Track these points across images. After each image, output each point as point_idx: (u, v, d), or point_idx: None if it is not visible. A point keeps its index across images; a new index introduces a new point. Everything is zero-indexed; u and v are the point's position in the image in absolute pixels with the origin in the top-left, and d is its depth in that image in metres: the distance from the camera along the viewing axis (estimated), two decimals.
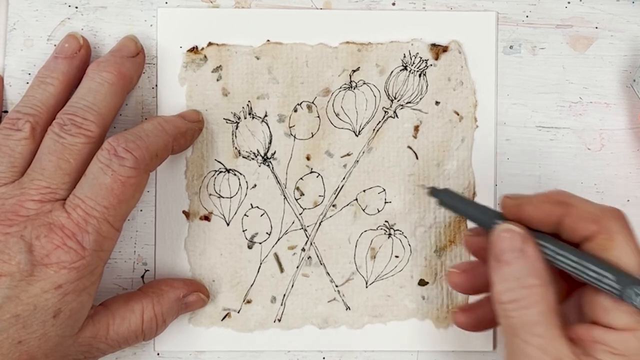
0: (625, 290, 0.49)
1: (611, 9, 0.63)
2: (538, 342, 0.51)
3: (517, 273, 0.52)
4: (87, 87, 0.57)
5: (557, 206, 0.53)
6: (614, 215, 0.52)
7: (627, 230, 0.51)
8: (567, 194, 0.54)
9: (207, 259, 0.62)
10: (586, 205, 0.53)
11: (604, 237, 0.51)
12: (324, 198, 0.63)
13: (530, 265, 0.52)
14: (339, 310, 0.63)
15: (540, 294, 0.51)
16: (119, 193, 0.54)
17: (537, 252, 0.52)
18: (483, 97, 0.63)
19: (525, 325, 0.51)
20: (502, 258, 0.52)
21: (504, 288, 0.52)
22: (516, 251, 0.52)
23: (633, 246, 0.51)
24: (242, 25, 0.62)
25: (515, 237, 0.52)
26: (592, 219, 0.52)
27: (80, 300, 0.54)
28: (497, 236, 0.53)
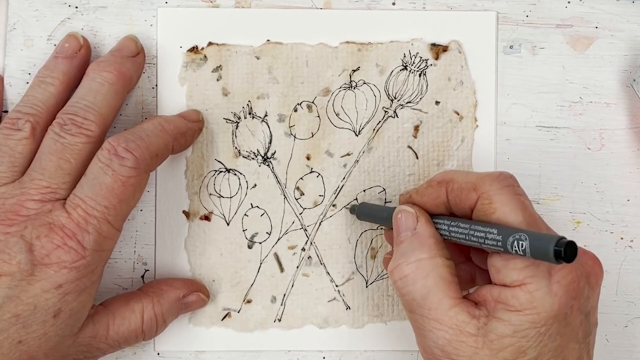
0: (507, 240, 0.49)
1: (611, 9, 0.63)
2: (431, 314, 0.52)
3: (406, 249, 0.53)
4: (88, 87, 0.57)
5: (439, 187, 0.54)
6: (491, 179, 0.52)
7: (507, 189, 0.52)
8: (447, 173, 0.55)
9: (207, 259, 0.62)
10: (464, 176, 0.54)
11: (484, 201, 0.52)
12: (324, 198, 0.63)
13: (418, 241, 0.53)
14: (339, 310, 0.63)
15: (427, 266, 0.52)
16: (120, 193, 0.54)
17: (428, 228, 0.54)
18: (483, 97, 0.63)
19: (416, 300, 0.52)
20: (398, 238, 0.55)
21: (393, 266, 0.54)
22: (409, 230, 0.54)
23: (514, 204, 0.51)
24: (242, 25, 0.62)
25: (407, 216, 0.55)
26: (471, 188, 0.53)
27: (81, 300, 0.54)
28: (394, 219, 0.55)
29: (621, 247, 0.63)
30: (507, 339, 0.51)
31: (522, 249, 0.49)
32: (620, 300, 0.63)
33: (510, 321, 0.50)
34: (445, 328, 0.51)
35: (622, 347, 0.63)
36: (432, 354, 0.52)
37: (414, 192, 0.56)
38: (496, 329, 0.51)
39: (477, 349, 0.51)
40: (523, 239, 0.49)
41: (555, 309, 0.50)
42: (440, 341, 0.52)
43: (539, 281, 0.50)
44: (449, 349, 0.51)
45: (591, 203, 0.63)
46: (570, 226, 0.63)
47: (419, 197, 0.56)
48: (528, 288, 0.50)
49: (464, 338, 0.51)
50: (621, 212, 0.63)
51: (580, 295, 0.51)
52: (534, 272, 0.50)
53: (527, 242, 0.48)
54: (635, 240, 0.63)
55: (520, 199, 0.52)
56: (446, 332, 0.51)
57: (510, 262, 0.51)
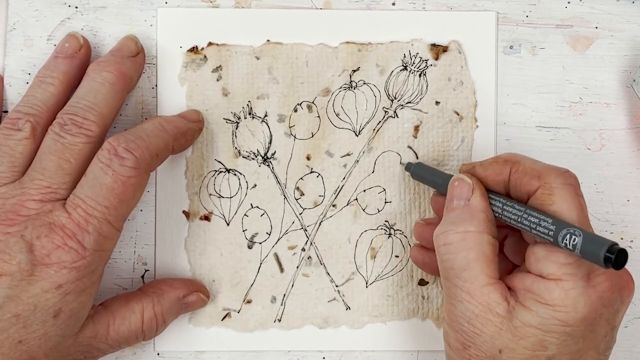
0: (560, 232, 0.50)
1: (611, 9, 0.63)
2: (466, 286, 0.53)
3: (455, 218, 0.54)
4: (88, 87, 0.57)
5: (504, 165, 0.55)
6: (557, 173, 0.53)
7: (569, 187, 0.52)
8: (515, 155, 0.55)
9: (207, 259, 0.62)
10: (531, 163, 0.54)
11: (545, 191, 0.52)
12: (324, 198, 0.63)
13: (470, 213, 0.54)
14: (339, 310, 0.63)
15: (473, 240, 0.53)
16: (120, 193, 0.54)
17: (482, 203, 0.54)
18: (483, 97, 0.63)
19: (454, 269, 0.53)
20: (449, 205, 0.55)
21: (440, 231, 0.54)
22: (462, 199, 0.55)
23: (573, 202, 0.52)
24: (242, 25, 0.62)
25: (463, 185, 0.55)
26: (535, 175, 0.53)
27: (81, 300, 0.54)
28: (450, 186, 0.56)
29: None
30: (530, 329, 0.51)
31: (573, 243, 0.49)
32: None
33: (538, 313, 0.51)
34: (475, 303, 0.52)
35: (622, 347, 0.63)
36: (458, 322, 0.53)
37: (478, 165, 0.56)
38: (523, 316, 0.51)
39: (500, 330, 0.52)
40: (577, 235, 0.49)
41: (585, 312, 0.51)
42: (468, 313, 0.52)
43: (576, 281, 0.51)
44: (474, 322, 0.52)
45: (591, 203, 0.63)
46: None
47: (482, 170, 0.56)
48: (564, 285, 0.51)
49: (491, 317, 0.52)
50: (621, 212, 0.63)
51: (611, 305, 0.52)
52: (574, 271, 0.51)
53: (580, 238, 0.49)
54: (635, 240, 0.63)
55: (579, 199, 0.52)
56: (475, 307, 0.52)
57: (553, 254, 0.51)
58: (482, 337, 0.52)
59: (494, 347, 0.52)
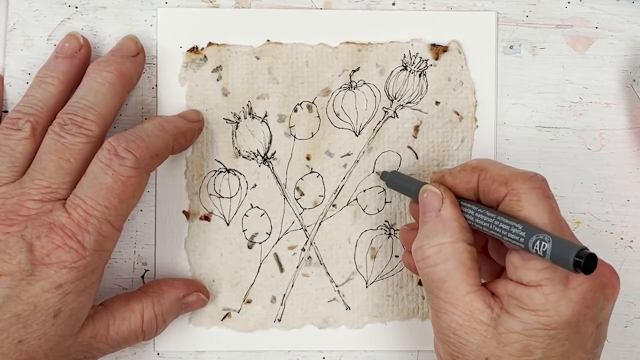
0: (530, 238, 0.50)
1: (611, 9, 0.63)
2: (448, 297, 0.53)
3: (429, 231, 0.54)
4: (88, 87, 0.57)
5: (472, 173, 0.55)
6: (523, 178, 0.53)
7: (537, 191, 0.52)
8: (484, 161, 0.55)
9: (207, 259, 0.62)
10: (498, 169, 0.54)
11: (513, 198, 0.52)
12: (324, 198, 0.63)
13: (442, 224, 0.54)
14: (339, 310, 0.63)
15: (449, 251, 0.53)
16: (120, 193, 0.54)
17: (453, 212, 0.54)
18: (483, 97, 0.63)
19: (435, 282, 0.53)
20: (422, 218, 0.55)
21: (416, 246, 0.54)
22: (434, 210, 0.54)
23: (542, 206, 0.52)
24: (242, 25, 0.62)
25: (433, 196, 0.55)
26: (502, 182, 0.53)
27: (81, 300, 0.54)
28: (420, 197, 0.56)
29: (621, 247, 0.63)
30: (515, 335, 0.51)
31: (543, 250, 0.49)
32: (620, 301, 0.63)
33: (521, 319, 0.51)
34: (459, 313, 0.52)
35: (622, 347, 0.63)
36: (444, 334, 0.53)
37: (447, 173, 0.56)
38: (506, 323, 0.51)
39: (486, 338, 0.52)
40: (546, 241, 0.49)
41: (568, 314, 0.51)
42: (452, 324, 0.52)
43: (555, 285, 0.50)
44: (460, 332, 0.52)
45: (591, 203, 0.63)
46: (570, 226, 0.62)
47: (451, 179, 0.56)
48: (543, 290, 0.51)
49: (475, 325, 0.52)
50: (621, 212, 0.63)
51: (594, 305, 0.52)
52: (552, 275, 0.51)
53: (549, 244, 0.49)
54: (635, 240, 0.63)
55: (549, 201, 0.52)
56: (459, 317, 0.52)
57: (529, 262, 0.51)
58: (468, 346, 0.52)
59: (480, 356, 0.52)
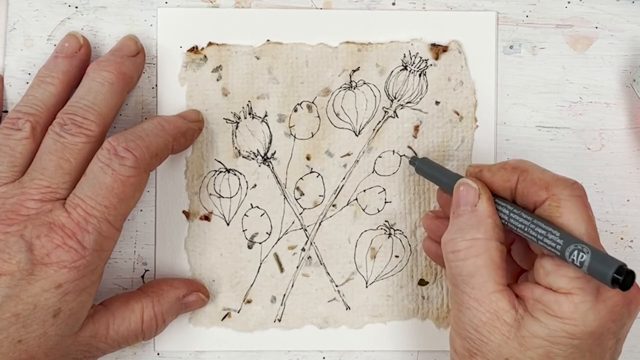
0: (568, 247, 0.50)
1: (611, 9, 0.63)
2: (474, 293, 0.52)
3: (462, 225, 0.54)
4: (88, 87, 0.57)
5: (512, 172, 0.54)
6: (564, 184, 0.53)
7: (577, 199, 0.52)
8: (525, 162, 0.55)
9: (207, 259, 0.62)
10: (539, 172, 0.54)
11: (553, 203, 0.52)
12: (324, 198, 0.63)
13: (477, 219, 0.54)
14: (339, 310, 0.63)
15: (481, 247, 0.53)
16: (119, 192, 0.54)
17: (489, 208, 0.54)
18: (483, 97, 0.63)
19: (462, 276, 0.53)
20: (456, 211, 0.55)
21: (448, 238, 0.54)
22: (468, 205, 0.54)
23: (581, 215, 0.51)
24: (242, 25, 0.62)
25: (470, 190, 0.54)
26: (543, 186, 0.53)
27: (80, 299, 0.54)
28: (455, 190, 0.55)
29: (621, 247, 0.63)
30: (538, 340, 0.51)
31: (581, 260, 0.49)
32: None
33: (547, 325, 0.51)
34: (483, 310, 0.52)
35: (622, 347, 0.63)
36: (465, 330, 0.53)
37: (486, 169, 0.56)
38: (530, 327, 0.51)
39: (507, 339, 0.51)
40: (585, 252, 0.49)
41: (594, 325, 0.50)
42: (475, 321, 0.52)
43: (586, 295, 0.50)
44: (482, 330, 0.52)
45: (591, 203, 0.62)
46: None
47: (489, 175, 0.55)
48: (574, 299, 0.50)
49: (498, 324, 0.52)
50: (621, 212, 0.63)
51: (619, 319, 0.52)
52: (584, 285, 0.50)
53: (588, 256, 0.49)
54: (635, 240, 0.63)
55: (587, 212, 0.52)
56: (483, 315, 0.52)
57: (562, 268, 0.51)
58: (488, 345, 0.52)
59: (500, 356, 0.52)
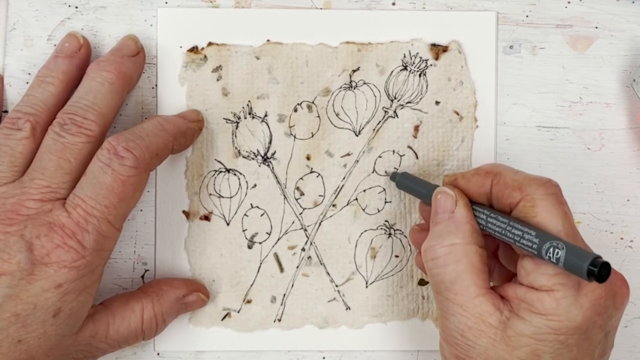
0: (544, 245, 0.50)
1: (611, 9, 0.63)
2: (457, 299, 0.52)
3: (441, 232, 0.54)
4: (88, 87, 0.57)
5: (485, 177, 0.55)
6: (537, 183, 0.53)
7: (551, 197, 0.52)
8: (497, 166, 0.55)
9: (207, 259, 0.62)
10: (512, 174, 0.54)
11: (527, 204, 0.52)
12: (324, 198, 0.63)
13: (455, 225, 0.54)
14: (339, 310, 0.63)
15: (460, 252, 0.53)
16: (119, 192, 0.54)
17: (466, 214, 0.54)
18: (483, 97, 0.63)
19: (444, 283, 0.53)
20: (435, 219, 0.55)
21: (427, 246, 0.54)
22: (447, 212, 0.55)
23: (557, 212, 0.52)
24: (242, 25, 0.62)
25: (447, 198, 0.55)
26: (516, 187, 0.53)
27: (80, 299, 0.54)
28: (433, 199, 0.56)
29: (621, 247, 0.63)
30: (524, 339, 0.51)
31: (557, 257, 0.49)
32: None
33: (531, 322, 0.51)
34: (467, 315, 0.52)
35: (622, 347, 0.63)
36: (452, 336, 0.53)
37: (460, 176, 0.56)
38: (516, 326, 0.51)
39: (494, 341, 0.52)
40: (560, 248, 0.49)
41: (578, 320, 0.51)
42: (461, 326, 0.52)
43: (567, 290, 0.51)
44: (468, 335, 0.52)
45: (591, 203, 0.63)
46: None
47: (464, 182, 0.56)
48: (555, 295, 0.51)
49: (484, 328, 0.52)
50: (621, 212, 0.63)
51: (604, 312, 0.52)
52: (564, 281, 0.51)
53: (563, 251, 0.49)
54: (635, 240, 0.63)
55: (563, 208, 0.52)
56: (468, 319, 0.52)
57: (542, 267, 0.51)
58: (476, 349, 0.52)
59: (488, 359, 0.52)
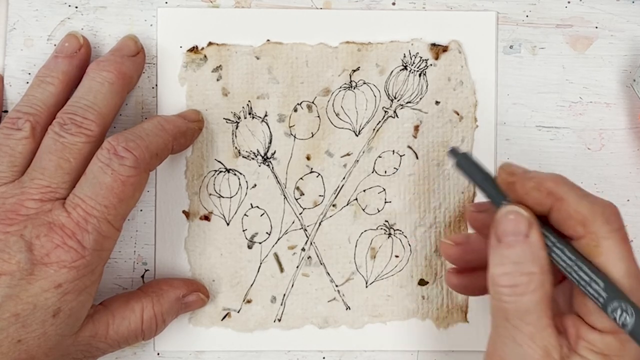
0: (612, 302, 0.48)
1: (611, 9, 0.63)
2: (528, 329, 0.50)
3: (518, 258, 0.51)
4: (88, 87, 0.57)
5: (547, 198, 0.51)
6: (602, 219, 0.50)
7: (616, 234, 0.50)
8: (561, 185, 0.51)
9: (207, 259, 0.62)
10: (575, 202, 0.51)
11: (591, 242, 0.50)
12: (324, 198, 0.63)
13: (531, 252, 0.50)
14: (339, 310, 0.63)
15: (538, 282, 0.50)
16: (119, 192, 0.54)
17: (541, 240, 0.51)
18: (483, 97, 0.63)
19: (518, 312, 0.50)
20: (504, 239, 0.51)
21: (501, 271, 0.51)
22: (520, 235, 0.51)
23: (621, 252, 0.49)
24: (242, 25, 0.62)
25: (521, 220, 0.51)
26: (580, 221, 0.50)
27: (80, 299, 0.54)
28: (502, 216, 0.51)
29: None
30: None
31: (624, 322, 0.48)
32: None
33: None
34: (535, 347, 0.50)
35: None
36: None
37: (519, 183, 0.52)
38: None
39: None
40: (629, 314, 0.47)
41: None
42: (526, 357, 0.50)
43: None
44: None
45: None
46: None
47: (522, 192, 0.52)
48: (621, 337, 0.49)
49: None
50: (621, 212, 0.63)
51: None
52: None
53: (632, 319, 0.47)
54: (635, 240, 0.63)
55: (627, 247, 0.50)
56: (535, 352, 0.50)
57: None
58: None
59: None
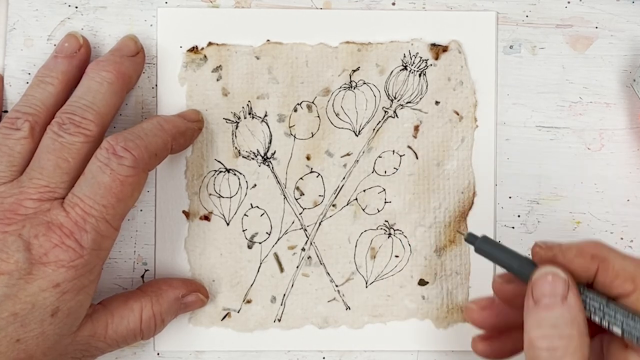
0: None
1: (611, 9, 0.63)
2: None
3: (556, 320, 0.50)
4: (87, 86, 0.57)
5: (592, 262, 0.51)
6: None
7: None
8: (601, 248, 0.52)
9: (207, 259, 0.62)
10: (621, 260, 0.51)
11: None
12: (324, 198, 0.63)
13: (570, 314, 0.50)
14: (339, 310, 0.63)
15: (577, 345, 0.49)
16: (118, 192, 0.54)
17: (579, 302, 0.50)
18: (483, 97, 0.63)
19: None
20: (541, 301, 0.51)
21: (540, 334, 0.50)
22: (557, 296, 0.50)
23: None
24: (242, 25, 0.62)
25: (559, 282, 0.51)
26: (628, 278, 0.50)
27: (79, 299, 0.54)
28: (540, 277, 0.51)
29: (621, 247, 0.63)
30: None
31: None
32: None
33: None
34: None
35: None
36: None
37: (560, 254, 0.52)
38: None
39: None
40: None
41: None
42: None
43: None
44: None
45: (591, 203, 0.63)
46: (570, 226, 0.63)
47: (566, 262, 0.52)
48: None
49: None
50: (621, 212, 0.63)
51: None
52: None
53: None
54: (635, 240, 0.63)
55: None
56: None
57: None
58: None
59: None
